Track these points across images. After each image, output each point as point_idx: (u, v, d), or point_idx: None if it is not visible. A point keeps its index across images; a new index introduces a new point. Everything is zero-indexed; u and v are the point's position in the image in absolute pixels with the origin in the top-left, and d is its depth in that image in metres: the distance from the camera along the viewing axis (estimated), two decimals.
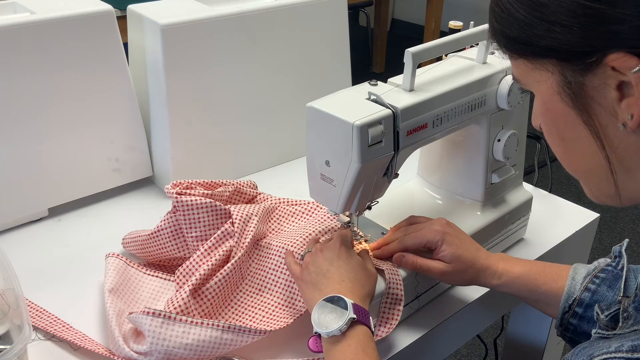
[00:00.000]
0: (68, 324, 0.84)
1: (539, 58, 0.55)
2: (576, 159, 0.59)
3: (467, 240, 0.84)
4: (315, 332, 0.72)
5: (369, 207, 0.91)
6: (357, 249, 0.86)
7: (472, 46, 0.93)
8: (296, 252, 0.85)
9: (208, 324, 0.76)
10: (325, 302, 0.72)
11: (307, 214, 0.97)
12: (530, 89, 0.60)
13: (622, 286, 0.73)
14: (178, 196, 0.88)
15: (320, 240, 0.86)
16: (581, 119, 0.55)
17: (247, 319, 0.85)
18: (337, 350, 0.70)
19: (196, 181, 0.94)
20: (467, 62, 0.90)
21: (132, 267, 0.92)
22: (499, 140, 0.93)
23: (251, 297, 0.87)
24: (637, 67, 0.49)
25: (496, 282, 0.83)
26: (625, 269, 0.74)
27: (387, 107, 0.76)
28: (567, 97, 0.54)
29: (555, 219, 1.12)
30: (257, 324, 0.83)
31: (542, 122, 0.61)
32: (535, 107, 0.62)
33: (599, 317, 0.64)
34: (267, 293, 0.87)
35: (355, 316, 0.70)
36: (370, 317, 0.73)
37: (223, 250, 0.86)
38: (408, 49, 0.77)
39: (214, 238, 0.88)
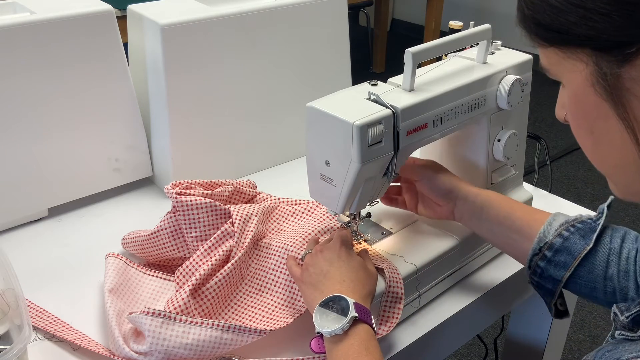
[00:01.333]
0: (68, 324, 0.84)
1: (572, 47, 0.53)
2: (606, 153, 0.57)
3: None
4: (318, 333, 0.72)
5: (369, 215, 0.91)
6: (357, 249, 0.86)
7: (472, 46, 0.93)
8: (295, 252, 0.85)
9: (208, 323, 0.76)
10: (327, 302, 0.72)
11: (306, 214, 0.97)
12: (560, 79, 0.57)
13: (594, 238, 0.74)
14: (178, 196, 0.88)
15: (320, 240, 0.86)
16: (615, 112, 0.52)
17: (247, 319, 0.85)
18: (340, 350, 0.69)
19: (196, 181, 0.94)
20: (467, 62, 0.90)
21: (132, 267, 0.92)
22: (499, 140, 0.93)
23: (251, 297, 0.87)
24: None
25: (475, 190, 0.84)
26: (601, 223, 0.75)
27: (387, 107, 0.75)
28: (601, 88, 0.52)
29: None
30: (257, 323, 0.83)
31: (570, 114, 0.58)
32: (561, 97, 0.60)
33: (617, 318, 0.63)
34: (267, 293, 0.87)
35: (357, 315, 0.70)
36: (372, 316, 0.73)
37: (223, 250, 0.86)
38: (408, 49, 0.77)
39: (214, 238, 0.88)
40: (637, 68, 0.50)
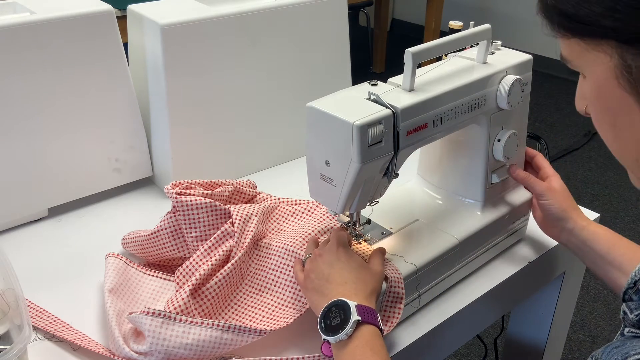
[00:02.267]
0: (68, 324, 0.84)
1: (596, 39, 0.52)
2: (627, 145, 0.57)
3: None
4: (324, 339, 0.72)
5: (368, 222, 0.91)
6: (357, 249, 0.86)
7: (472, 46, 0.93)
8: (296, 252, 0.85)
9: (208, 323, 0.76)
10: (330, 308, 0.72)
11: (306, 214, 0.97)
12: (582, 71, 0.57)
13: None
14: (178, 196, 0.88)
15: (319, 240, 0.86)
16: (639, 105, 0.52)
17: (247, 319, 0.85)
18: (346, 353, 0.70)
19: (196, 181, 0.94)
20: (467, 62, 0.90)
21: (132, 267, 0.92)
22: (499, 140, 0.93)
23: (251, 297, 0.87)
24: None
25: (583, 223, 0.88)
26: None
27: (387, 107, 0.75)
28: (626, 81, 0.52)
29: None
30: (257, 324, 0.83)
31: (592, 106, 0.58)
32: (581, 89, 0.59)
33: (627, 316, 0.63)
34: (267, 293, 0.87)
35: (359, 318, 0.69)
36: (378, 315, 0.73)
37: (223, 250, 0.86)
38: (408, 49, 0.77)
39: (214, 238, 0.88)
40: None
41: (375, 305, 0.76)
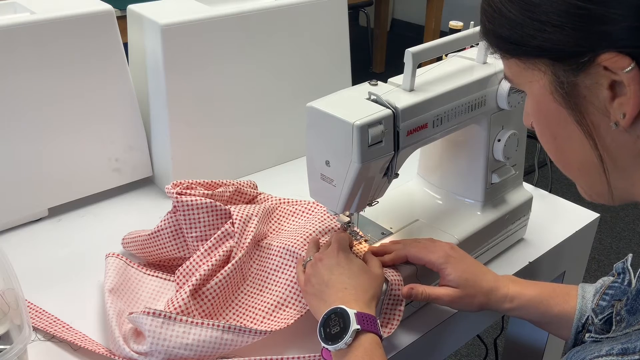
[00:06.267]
0: (68, 324, 0.84)
1: (531, 58, 0.55)
2: (568, 157, 0.59)
3: (473, 264, 0.83)
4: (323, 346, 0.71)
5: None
6: (358, 250, 0.86)
7: (472, 46, 0.93)
8: (297, 252, 0.85)
9: (208, 324, 0.76)
10: (329, 316, 0.71)
11: (307, 212, 0.97)
12: (523, 89, 0.60)
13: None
14: (178, 196, 0.88)
15: (320, 241, 0.86)
16: (573, 119, 0.55)
17: (247, 320, 0.84)
18: None
19: (197, 181, 0.94)
20: (467, 62, 0.90)
21: (132, 267, 0.92)
22: (499, 140, 0.93)
23: (251, 297, 0.87)
24: (629, 67, 0.48)
25: (508, 306, 0.81)
26: (634, 284, 0.69)
27: (387, 107, 0.75)
28: (560, 96, 0.54)
29: (555, 219, 1.12)
30: (258, 324, 0.83)
31: (534, 121, 0.61)
32: (526, 106, 0.62)
33: (593, 321, 0.64)
34: (267, 293, 0.86)
35: (359, 327, 0.69)
36: (378, 322, 0.72)
37: (223, 251, 0.86)
38: (408, 49, 0.77)
39: (214, 238, 0.88)
40: (591, 76, 0.51)
41: (376, 309, 0.75)
